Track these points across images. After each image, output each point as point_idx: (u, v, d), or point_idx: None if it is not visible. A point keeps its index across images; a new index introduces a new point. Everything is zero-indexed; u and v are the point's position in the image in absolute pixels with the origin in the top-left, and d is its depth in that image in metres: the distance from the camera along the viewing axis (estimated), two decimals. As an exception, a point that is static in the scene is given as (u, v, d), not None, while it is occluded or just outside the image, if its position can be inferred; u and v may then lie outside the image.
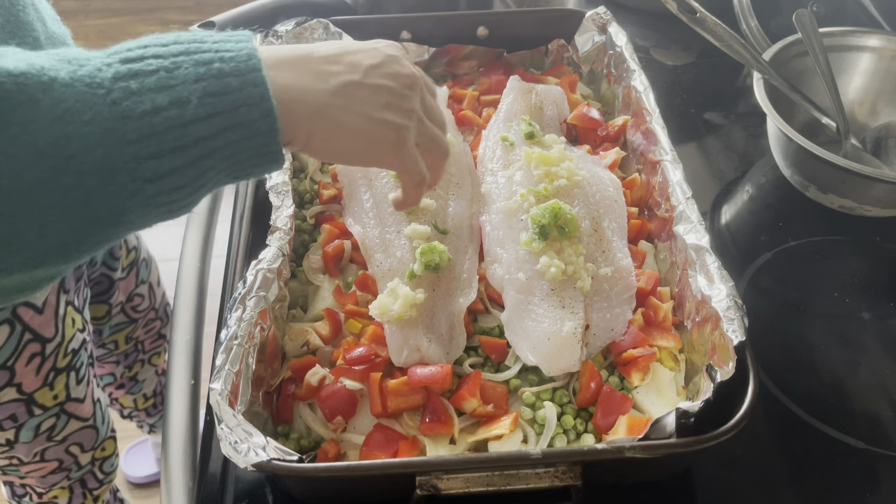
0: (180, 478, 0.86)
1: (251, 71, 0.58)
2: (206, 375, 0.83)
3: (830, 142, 1.18)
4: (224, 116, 0.57)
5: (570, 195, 0.97)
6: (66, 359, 1.13)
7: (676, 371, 0.87)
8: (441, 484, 0.71)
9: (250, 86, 0.58)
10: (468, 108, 1.17)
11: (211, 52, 0.58)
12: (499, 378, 0.87)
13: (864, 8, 1.38)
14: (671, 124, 1.03)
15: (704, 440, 0.71)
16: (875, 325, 1.03)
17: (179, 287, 1.07)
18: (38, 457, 1.21)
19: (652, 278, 0.94)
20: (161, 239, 2.61)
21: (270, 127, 0.59)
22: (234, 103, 0.57)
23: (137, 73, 0.55)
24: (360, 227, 0.98)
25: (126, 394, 1.68)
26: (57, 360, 1.11)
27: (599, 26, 1.22)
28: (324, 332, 0.90)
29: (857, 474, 0.87)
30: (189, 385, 0.95)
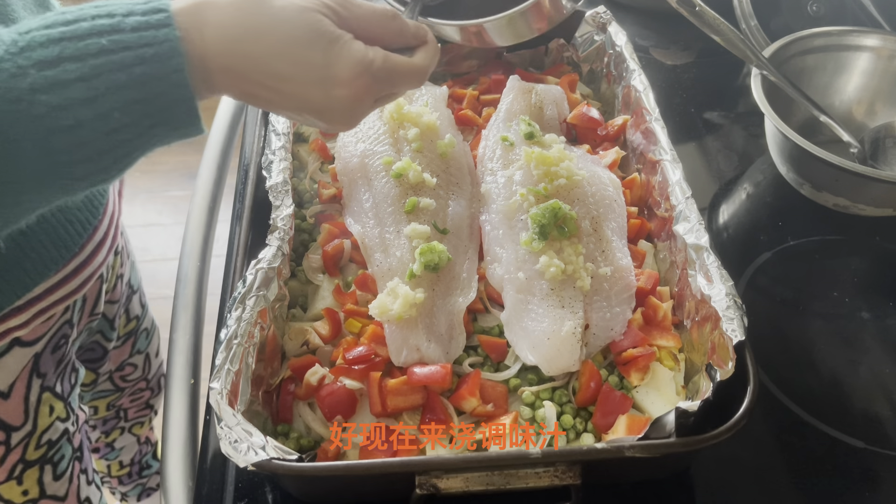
0: (180, 477, 0.86)
1: (173, 72, 0.57)
2: (206, 375, 0.83)
3: (829, 141, 1.18)
4: (149, 118, 0.57)
5: (569, 195, 0.97)
6: (40, 451, 1.00)
7: (676, 370, 0.87)
8: (441, 483, 0.71)
9: (174, 87, 0.57)
10: (468, 107, 1.17)
11: (131, 51, 0.55)
12: (498, 377, 0.87)
13: (863, 7, 1.38)
14: (671, 124, 1.03)
15: (704, 440, 0.71)
16: (874, 325, 1.03)
17: (179, 287, 1.07)
18: None
19: (651, 278, 0.94)
20: (161, 239, 2.63)
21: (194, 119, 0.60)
22: (158, 106, 0.57)
23: (55, 83, 0.53)
24: (360, 226, 0.98)
25: (100, 458, 1.58)
26: (26, 452, 0.98)
27: (599, 26, 1.22)
28: (323, 331, 0.90)
29: (857, 474, 0.87)
30: (189, 384, 0.95)
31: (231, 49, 0.60)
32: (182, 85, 0.57)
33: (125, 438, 1.56)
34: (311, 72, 0.63)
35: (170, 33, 0.56)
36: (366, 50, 0.65)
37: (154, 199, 2.81)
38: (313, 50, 0.62)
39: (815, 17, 1.36)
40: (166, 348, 1.03)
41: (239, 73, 0.61)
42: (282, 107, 0.65)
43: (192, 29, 0.58)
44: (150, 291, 1.42)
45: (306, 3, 0.63)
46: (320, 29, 0.62)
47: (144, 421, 1.56)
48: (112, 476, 1.64)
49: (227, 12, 0.60)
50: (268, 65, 0.61)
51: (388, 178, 0.99)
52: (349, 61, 0.64)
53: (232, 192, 1.10)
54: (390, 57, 0.67)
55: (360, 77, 0.64)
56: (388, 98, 0.73)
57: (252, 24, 0.61)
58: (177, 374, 0.96)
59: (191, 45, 0.58)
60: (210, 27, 0.59)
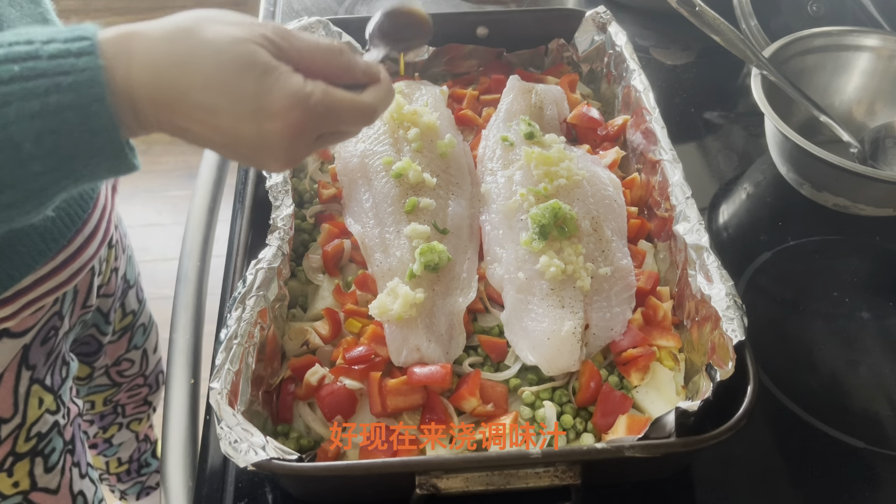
0: (180, 477, 0.86)
1: (93, 101, 0.53)
2: (206, 375, 0.83)
3: (829, 141, 1.18)
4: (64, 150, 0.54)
5: (569, 195, 0.97)
6: (30, 443, 1.00)
7: (676, 370, 0.87)
8: (441, 483, 0.71)
9: (93, 118, 0.54)
10: (468, 107, 1.17)
11: (46, 78, 0.52)
12: (498, 377, 0.87)
13: (863, 7, 1.38)
14: (671, 124, 1.03)
15: (704, 440, 0.71)
16: (874, 325, 1.03)
17: (179, 287, 1.07)
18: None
19: (651, 278, 0.94)
20: (161, 239, 2.62)
21: (118, 151, 0.56)
22: (75, 138, 0.54)
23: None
24: (360, 226, 0.98)
25: (98, 454, 1.58)
26: (16, 445, 0.98)
27: (599, 26, 1.22)
28: (323, 331, 0.90)
29: (857, 474, 0.87)
30: (189, 384, 0.95)
31: (158, 80, 0.56)
32: (102, 115, 0.54)
33: (123, 434, 1.55)
34: (241, 103, 0.58)
35: (91, 61, 0.53)
36: (303, 82, 0.60)
37: (154, 199, 2.81)
38: (244, 80, 0.58)
39: (815, 17, 1.36)
40: (166, 347, 1.03)
41: (168, 106, 0.57)
42: (215, 143, 0.61)
43: (118, 58, 0.55)
44: (150, 291, 1.42)
45: (241, 34, 0.59)
46: (253, 59, 0.58)
47: (142, 417, 1.56)
48: (111, 473, 1.64)
49: (157, 42, 0.57)
50: (197, 96, 0.57)
51: (388, 178, 0.99)
52: (282, 93, 0.59)
53: (232, 192, 1.10)
54: (332, 91, 0.62)
55: (293, 109, 0.59)
56: (335, 137, 0.68)
57: (182, 54, 0.57)
58: (177, 374, 0.96)
59: (115, 74, 0.55)
60: (138, 57, 0.56)
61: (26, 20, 0.84)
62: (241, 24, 0.60)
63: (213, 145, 0.62)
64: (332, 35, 1.19)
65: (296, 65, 0.61)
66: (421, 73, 1.25)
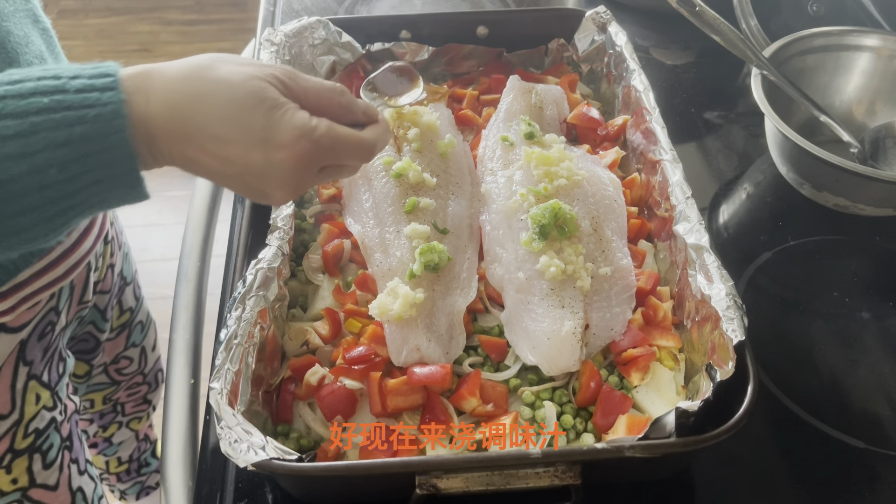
0: (180, 477, 0.86)
1: (114, 133, 0.58)
2: (206, 375, 0.83)
3: (829, 140, 1.18)
4: (85, 177, 0.58)
5: (569, 195, 0.97)
6: (28, 440, 1.00)
7: (676, 370, 0.87)
8: (441, 483, 0.71)
9: (114, 148, 0.58)
10: (468, 107, 1.17)
11: (73, 111, 0.57)
12: (498, 377, 0.87)
13: (863, 7, 1.38)
14: (671, 124, 1.03)
15: (704, 440, 0.71)
16: (874, 325, 1.03)
17: (179, 287, 1.07)
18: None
19: (651, 278, 0.94)
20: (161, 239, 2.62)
21: (134, 180, 0.61)
22: (96, 165, 0.58)
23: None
24: (360, 226, 0.98)
25: (98, 454, 1.58)
26: (14, 441, 0.99)
27: (599, 26, 1.22)
28: (323, 331, 0.90)
29: (857, 474, 0.87)
30: (189, 384, 0.95)
31: (173, 113, 0.61)
32: (122, 146, 0.58)
33: (123, 433, 1.55)
34: (251, 134, 0.62)
35: (114, 96, 0.58)
36: (309, 118, 0.65)
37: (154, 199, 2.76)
38: (255, 113, 0.62)
39: (815, 17, 1.36)
40: (166, 347, 1.03)
41: (181, 136, 0.61)
42: (224, 174, 0.65)
43: (137, 93, 0.60)
44: (150, 291, 1.42)
45: (252, 71, 0.64)
46: (263, 94, 0.63)
47: (142, 416, 1.56)
48: (111, 473, 1.64)
49: (174, 78, 0.62)
50: (209, 127, 0.62)
51: (388, 177, 0.99)
52: (290, 125, 0.63)
53: (232, 192, 1.10)
54: (335, 127, 0.67)
55: (300, 141, 0.64)
56: (336, 171, 0.72)
57: (196, 89, 0.62)
58: (177, 374, 0.96)
59: (135, 108, 0.59)
60: (155, 92, 0.60)
61: (19, 14, 0.86)
62: (253, 64, 0.65)
63: (221, 176, 0.66)
64: (331, 35, 1.19)
65: (302, 103, 0.66)
66: (421, 73, 1.25)
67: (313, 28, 1.18)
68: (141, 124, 0.59)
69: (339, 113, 0.69)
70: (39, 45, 0.88)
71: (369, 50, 1.22)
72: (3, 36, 0.82)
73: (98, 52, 3.39)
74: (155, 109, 0.60)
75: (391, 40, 1.23)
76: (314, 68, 1.20)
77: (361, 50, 1.22)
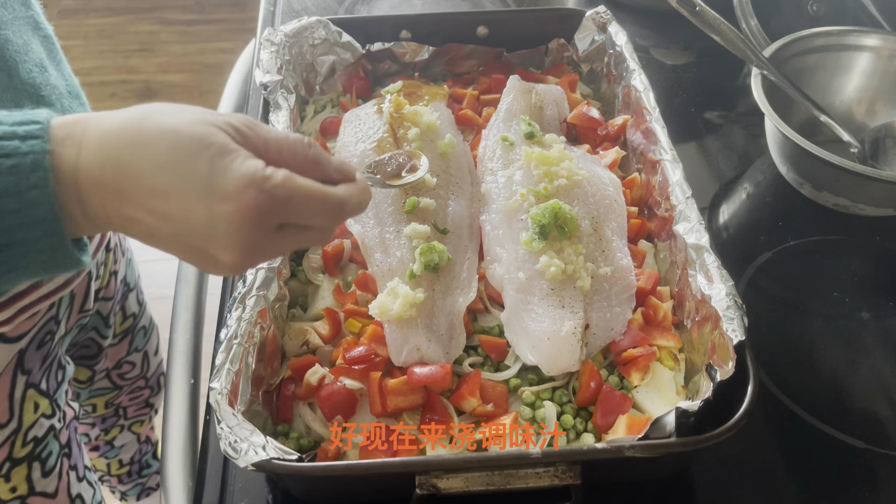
0: (179, 477, 0.86)
1: (33, 187, 0.50)
2: (206, 375, 0.83)
3: (829, 140, 1.18)
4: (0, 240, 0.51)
5: (569, 195, 0.97)
6: (26, 448, 0.99)
7: (676, 370, 0.87)
8: (441, 483, 0.71)
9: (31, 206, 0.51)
10: (468, 107, 1.17)
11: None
12: (498, 377, 0.87)
13: (863, 7, 1.38)
14: (671, 124, 1.03)
15: (704, 440, 0.71)
16: (874, 325, 1.03)
17: (179, 287, 1.07)
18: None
19: (652, 278, 0.94)
20: (160, 238, 2.62)
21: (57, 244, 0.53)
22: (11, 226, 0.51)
23: None
24: (360, 226, 0.98)
25: (100, 456, 1.57)
26: (13, 450, 0.97)
27: (599, 25, 1.22)
28: (323, 331, 0.90)
29: (857, 474, 0.87)
30: (189, 384, 0.95)
31: (106, 164, 0.53)
32: (41, 204, 0.51)
33: (125, 436, 1.55)
34: (193, 184, 0.53)
35: (36, 145, 0.51)
36: (263, 167, 0.55)
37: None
38: (198, 160, 0.54)
39: (815, 17, 1.36)
40: (166, 348, 1.03)
41: (114, 191, 0.53)
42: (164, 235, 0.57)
43: (68, 143, 0.53)
44: (150, 291, 1.42)
45: (202, 117, 0.56)
46: (209, 140, 0.54)
47: (144, 419, 1.56)
48: (112, 475, 1.64)
49: (111, 126, 0.54)
50: (145, 178, 0.53)
51: (388, 177, 0.99)
52: (238, 173, 0.54)
53: (178, 261, 1.09)
54: (294, 177, 0.57)
55: (248, 191, 0.54)
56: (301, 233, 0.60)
57: (134, 136, 0.54)
58: (177, 374, 0.96)
59: (63, 160, 0.52)
60: (89, 141, 0.53)
61: (18, 22, 0.84)
62: (204, 111, 0.57)
63: (161, 239, 0.57)
64: (331, 35, 1.19)
65: (260, 154, 0.57)
66: (421, 73, 1.26)
67: (313, 28, 1.18)
68: (69, 179, 0.52)
69: (305, 168, 0.59)
70: (40, 53, 0.87)
71: (369, 50, 1.22)
72: (1, 44, 0.79)
73: (98, 52, 3.39)
74: (86, 160, 0.53)
75: (391, 40, 1.23)
76: (314, 68, 1.20)
77: (361, 50, 1.22)
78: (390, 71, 1.26)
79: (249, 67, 1.37)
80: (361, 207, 0.63)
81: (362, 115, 1.10)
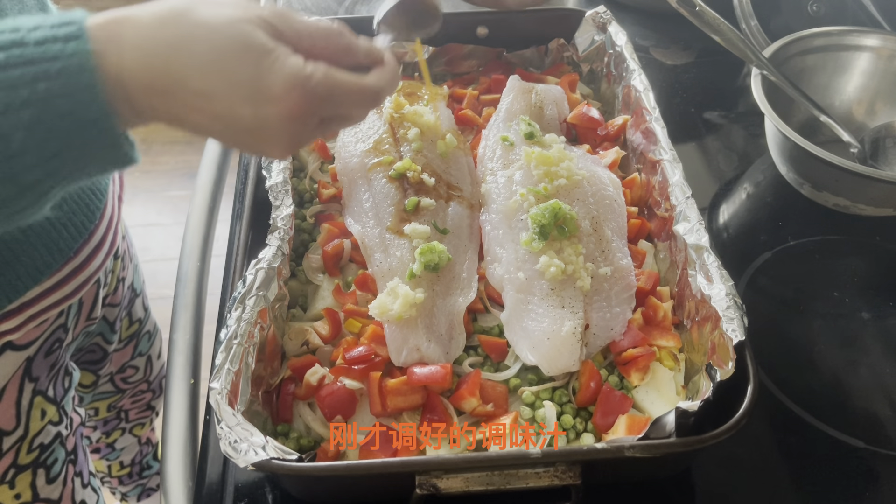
0: (179, 477, 0.86)
1: (84, 89, 0.51)
2: (206, 375, 0.83)
3: (829, 141, 1.18)
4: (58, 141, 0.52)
5: (569, 195, 0.97)
6: (32, 455, 0.99)
7: (676, 370, 0.87)
8: (441, 483, 0.71)
9: (84, 106, 0.51)
10: (468, 107, 1.17)
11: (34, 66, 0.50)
12: (498, 377, 0.87)
13: (863, 7, 1.38)
14: (671, 124, 1.03)
15: (704, 440, 0.71)
16: (874, 325, 1.03)
17: (179, 287, 1.07)
18: None
19: (651, 278, 0.94)
20: (161, 239, 2.62)
21: (113, 141, 0.54)
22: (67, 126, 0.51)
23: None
24: (360, 226, 0.98)
25: (100, 459, 1.58)
26: (18, 457, 0.97)
27: (599, 26, 1.22)
28: (323, 331, 0.90)
29: (857, 474, 0.87)
30: (189, 384, 0.95)
31: (151, 65, 0.54)
32: (94, 103, 0.51)
33: (126, 439, 1.55)
34: (239, 87, 0.55)
35: (79, 46, 0.51)
36: (304, 64, 0.57)
37: (154, 199, 2.81)
38: (242, 63, 0.55)
39: (815, 17, 1.36)
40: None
41: (162, 92, 0.55)
42: (213, 131, 0.59)
43: (108, 44, 0.53)
44: (150, 291, 1.42)
45: (237, 14, 0.56)
46: (250, 41, 0.56)
47: (145, 422, 1.56)
48: (112, 476, 1.64)
49: (149, 26, 0.54)
50: (191, 81, 0.55)
51: (388, 178, 0.99)
52: (281, 74, 0.56)
53: (232, 192, 1.10)
54: (334, 72, 0.59)
55: (293, 91, 0.56)
56: (339, 122, 0.65)
57: (174, 38, 0.54)
58: (177, 374, 0.96)
59: (106, 61, 0.52)
60: (129, 42, 0.53)
61: (26, 10, 0.83)
62: (237, 5, 0.57)
63: (211, 133, 0.59)
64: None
65: (295, 46, 0.59)
66: (421, 72, 1.25)
67: (313, 28, 1.18)
68: (115, 79, 0.53)
69: (338, 56, 0.62)
70: (31, 5, 0.84)
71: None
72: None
73: (98, 53, 3.38)
74: (129, 61, 0.53)
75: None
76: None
77: (367, 43, 1.22)
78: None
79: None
80: (393, 89, 0.67)
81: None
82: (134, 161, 0.57)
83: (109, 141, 0.54)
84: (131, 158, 0.57)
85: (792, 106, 1.19)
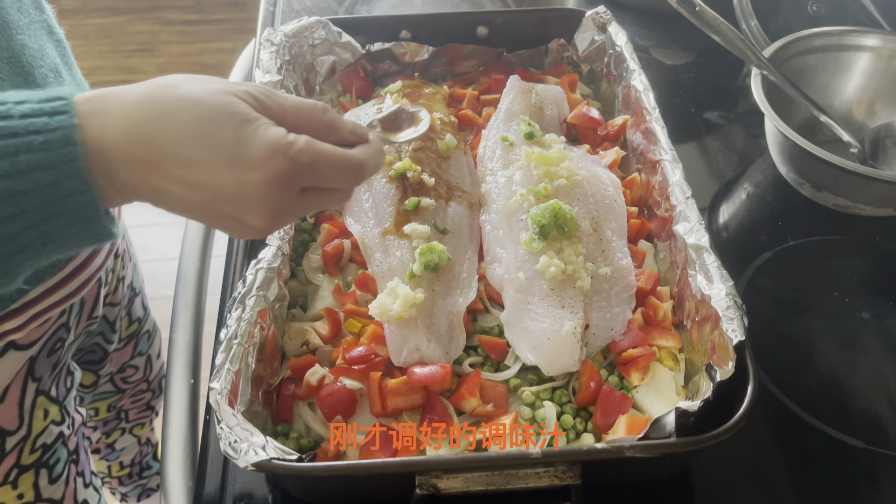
0: (179, 477, 0.86)
1: (66, 161, 0.52)
2: (206, 375, 0.83)
3: (829, 141, 1.18)
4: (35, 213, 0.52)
5: (569, 195, 0.97)
6: (34, 455, 0.99)
7: (676, 370, 0.87)
8: (441, 483, 0.71)
9: (65, 179, 0.52)
10: (468, 107, 1.17)
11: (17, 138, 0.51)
12: (498, 377, 0.87)
13: (863, 7, 1.38)
14: (671, 124, 1.03)
15: (704, 440, 0.71)
16: (874, 325, 1.03)
17: (179, 287, 1.07)
18: None
19: (651, 278, 0.94)
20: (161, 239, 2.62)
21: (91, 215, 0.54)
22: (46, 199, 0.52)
23: None
24: (360, 226, 0.98)
25: (100, 459, 1.58)
26: (21, 457, 0.97)
27: (599, 26, 1.22)
28: (323, 331, 0.90)
29: (857, 474, 0.87)
30: (189, 384, 0.95)
31: (133, 136, 0.55)
32: (75, 176, 0.52)
33: (126, 439, 1.55)
34: (220, 153, 0.56)
35: (65, 120, 0.52)
36: (285, 133, 0.58)
37: (154, 199, 2.80)
38: (223, 130, 0.56)
39: (815, 17, 1.36)
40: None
41: (143, 162, 0.55)
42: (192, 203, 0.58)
43: (93, 117, 0.54)
44: (150, 291, 1.42)
45: (221, 87, 0.58)
46: (232, 109, 0.56)
47: (145, 422, 1.56)
48: (112, 476, 1.64)
49: (135, 100, 0.56)
50: (174, 149, 0.55)
51: (388, 177, 0.99)
52: (263, 140, 0.56)
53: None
54: (316, 142, 0.59)
55: (275, 156, 0.56)
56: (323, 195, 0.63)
57: (158, 109, 0.56)
58: (177, 374, 0.96)
59: (90, 133, 0.53)
60: (114, 114, 0.55)
61: (34, 27, 0.84)
62: (221, 81, 0.59)
63: (190, 206, 0.59)
64: (331, 35, 1.19)
65: (278, 121, 0.60)
66: (421, 73, 1.25)
67: (313, 28, 1.18)
68: (97, 151, 0.54)
69: (322, 131, 0.62)
70: (54, 58, 0.86)
71: (369, 50, 1.22)
72: (17, 49, 0.79)
73: (98, 52, 3.38)
74: (113, 134, 0.54)
75: (391, 40, 1.23)
76: (314, 68, 1.20)
77: (361, 50, 1.22)
78: (390, 71, 1.26)
79: (249, 67, 1.37)
80: (378, 167, 0.66)
81: (362, 115, 1.10)
82: (113, 236, 0.58)
83: (87, 214, 0.55)
84: (110, 233, 0.57)
85: (792, 106, 1.19)
